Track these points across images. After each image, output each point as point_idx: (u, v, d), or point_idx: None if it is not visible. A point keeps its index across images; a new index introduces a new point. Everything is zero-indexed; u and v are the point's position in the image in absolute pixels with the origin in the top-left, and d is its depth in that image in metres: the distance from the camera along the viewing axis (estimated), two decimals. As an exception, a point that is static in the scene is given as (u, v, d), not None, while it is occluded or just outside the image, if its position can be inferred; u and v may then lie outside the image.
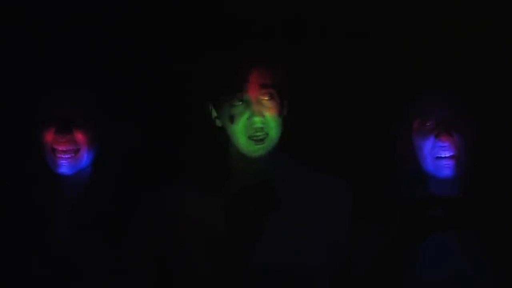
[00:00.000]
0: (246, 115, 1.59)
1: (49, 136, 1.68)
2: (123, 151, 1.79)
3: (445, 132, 1.66)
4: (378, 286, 1.66)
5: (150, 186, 1.70)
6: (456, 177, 1.68)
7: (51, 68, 1.74)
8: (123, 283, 1.66)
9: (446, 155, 1.67)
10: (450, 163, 1.67)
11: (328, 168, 1.71)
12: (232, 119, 1.59)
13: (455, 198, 1.68)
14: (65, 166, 1.69)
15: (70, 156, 1.69)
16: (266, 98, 1.60)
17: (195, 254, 1.59)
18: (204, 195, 1.63)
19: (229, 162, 1.66)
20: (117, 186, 1.75)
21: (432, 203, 1.67)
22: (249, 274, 1.57)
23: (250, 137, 1.60)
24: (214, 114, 1.66)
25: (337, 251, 1.65)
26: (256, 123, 1.59)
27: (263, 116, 1.59)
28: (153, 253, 1.65)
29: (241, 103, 1.59)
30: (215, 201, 1.61)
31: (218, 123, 1.65)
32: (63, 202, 1.73)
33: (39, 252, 1.68)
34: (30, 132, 1.72)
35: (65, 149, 1.68)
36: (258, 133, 1.59)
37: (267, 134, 1.60)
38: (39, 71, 1.74)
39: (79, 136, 1.69)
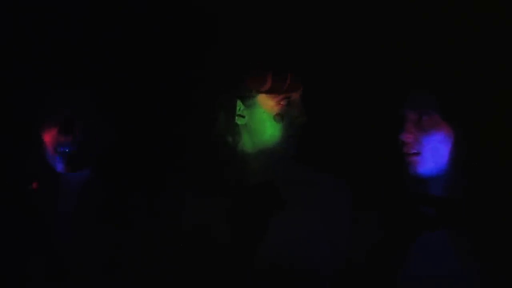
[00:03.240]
0: (292, 114, 1.61)
1: (50, 136, 1.69)
2: (124, 151, 1.79)
3: (405, 130, 1.69)
4: (375, 282, 1.67)
5: (151, 186, 1.71)
6: (432, 176, 1.70)
7: (51, 68, 1.74)
8: (123, 282, 1.66)
9: (408, 152, 1.69)
10: (412, 160, 1.69)
11: (328, 168, 1.72)
12: (279, 117, 1.60)
13: (444, 197, 1.69)
14: (66, 165, 1.70)
15: (71, 156, 1.70)
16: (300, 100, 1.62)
17: (198, 254, 1.60)
18: (208, 195, 1.64)
19: (235, 162, 1.67)
20: (118, 185, 1.75)
21: (422, 202, 1.70)
22: (253, 273, 1.58)
23: (291, 136, 1.61)
24: (241, 111, 1.64)
25: (338, 249, 1.66)
26: (302, 124, 1.62)
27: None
28: (154, 253, 1.66)
29: (287, 102, 1.60)
30: (220, 201, 1.62)
31: (241, 120, 1.64)
32: (63, 201, 1.74)
33: (39, 251, 1.69)
34: (31, 132, 1.72)
35: (67, 150, 1.69)
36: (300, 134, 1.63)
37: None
38: (40, 71, 1.74)
39: (81, 136, 1.69)
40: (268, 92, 1.59)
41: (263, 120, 1.61)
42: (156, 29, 1.90)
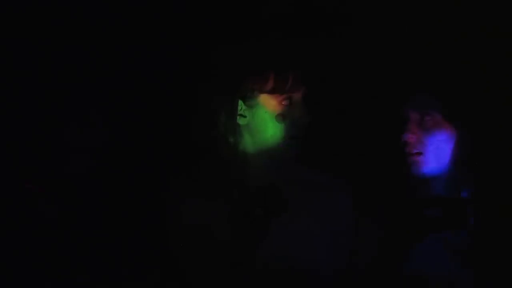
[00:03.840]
0: (294, 115, 1.60)
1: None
2: (125, 151, 1.80)
3: (408, 130, 1.69)
4: (377, 283, 1.67)
5: (152, 186, 1.71)
6: (435, 176, 1.70)
7: (55, 68, 1.74)
8: (123, 282, 1.67)
9: (411, 152, 1.69)
10: (415, 160, 1.69)
11: (330, 169, 1.72)
12: (280, 117, 1.59)
13: (447, 197, 1.69)
14: None
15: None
16: (301, 100, 1.61)
17: (199, 254, 1.60)
18: (209, 195, 1.63)
19: (236, 162, 1.66)
20: (119, 185, 1.76)
21: (424, 202, 1.69)
22: (254, 274, 1.58)
23: (292, 137, 1.61)
24: (242, 111, 1.62)
25: (340, 250, 1.66)
26: (304, 124, 1.60)
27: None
28: (155, 253, 1.66)
29: (288, 102, 1.60)
30: (221, 201, 1.61)
31: (243, 120, 1.62)
32: (64, 200, 1.74)
33: (37, 252, 1.69)
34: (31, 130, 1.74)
35: None
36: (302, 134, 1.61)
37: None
38: (44, 71, 1.75)
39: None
40: (270, 92, 1.58)
41: (264, 120, 1.61)
42: (158, 29, 1.90)
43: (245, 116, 1.61)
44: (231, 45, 1.64)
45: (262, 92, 1.59)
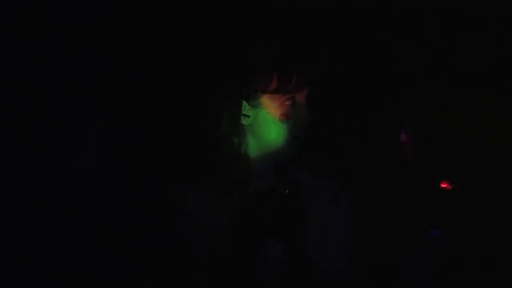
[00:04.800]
0: (297, 115, 1.61)
1: None
2: (127, 151, 1.80)
3: (406, 130, 1.76)
4: (378, 283, 1.69)
5: (154, 186, 1.71)
6: (430, 174, 1.75)
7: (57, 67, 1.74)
8: (123, 281, 1.66)
9: (409, 151, 1.76)
10: (414, 159, 1.75)
11: (331, 169, 1.73)
12: (284, 117, 1.60)
13: (445, 196, 1.71)
14: None
15: None
16: (304, 100, 1.62)
17: (200, 255, 1.61)
18: (212, 195, 1.63)
19: (239, 163, 1.67)
20: (120, 186, 1.75)
21: (422, 200, 1.71)
22: (255, 275, 1.59)
23: (295, 137, 1.61)
24: (246, 111, 1.62)
25: (341, 251, 1.67)
26: (306, 124, 1.61)
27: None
28: (155, 253, 1.66)
29: (291, 102, 1.60)
30: (223, 202, 1.62)
31: (246, 120, 1.63)
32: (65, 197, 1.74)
33: (37, 248, 1.69)
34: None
35: None
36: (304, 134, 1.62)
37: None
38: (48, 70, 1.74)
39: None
40: (273, 92, 1.59)
41: (268, 120, 1.61)
42: (161, 29, 1.90)
43: (248, 116, 1.62)
44: (234, 46, 1.65)
45: (265, 92, 1.59)
